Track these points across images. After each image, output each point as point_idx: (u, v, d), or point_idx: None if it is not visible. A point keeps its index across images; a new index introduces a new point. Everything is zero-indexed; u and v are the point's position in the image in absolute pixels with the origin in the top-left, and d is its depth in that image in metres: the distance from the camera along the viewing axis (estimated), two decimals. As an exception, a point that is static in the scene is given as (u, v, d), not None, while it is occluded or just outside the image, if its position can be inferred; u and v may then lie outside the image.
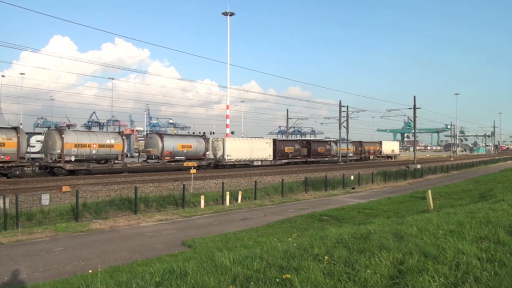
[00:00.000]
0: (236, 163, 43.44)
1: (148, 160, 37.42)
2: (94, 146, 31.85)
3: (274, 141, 49.66)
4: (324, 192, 28.36)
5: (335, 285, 4.54)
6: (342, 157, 59.53)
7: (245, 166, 44.33)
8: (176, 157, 37.90)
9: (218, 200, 22.17)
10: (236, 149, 43.02)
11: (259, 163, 46.16)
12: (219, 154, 42.17)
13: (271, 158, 47.30)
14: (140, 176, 31.13)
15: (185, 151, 38.53)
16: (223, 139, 43.31)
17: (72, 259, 11.39)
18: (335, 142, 61.43)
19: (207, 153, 42.04)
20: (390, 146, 77.60)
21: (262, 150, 46.35)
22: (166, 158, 36.87)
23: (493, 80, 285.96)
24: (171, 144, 37.55)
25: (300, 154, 52.16)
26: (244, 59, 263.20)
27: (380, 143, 74.94)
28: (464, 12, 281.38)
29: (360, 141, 70.15)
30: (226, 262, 5.45)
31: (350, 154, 62.51)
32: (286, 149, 50.03)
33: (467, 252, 5.49)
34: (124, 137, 34.86)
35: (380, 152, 72.66)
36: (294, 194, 26.59)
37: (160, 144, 36.82)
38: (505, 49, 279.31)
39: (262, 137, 56.77)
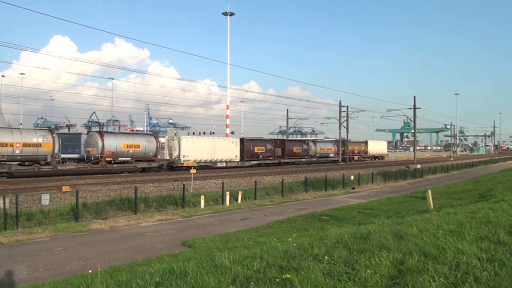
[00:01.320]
0: (194, 164, 38.11)
1: (93, 161, 32.80)
2: (18, 145, 27.81)
3: (242, 140, 45.33)
4: (324, 192, 28.36)
5: (335, 285, 4.53)
6: (320, 157, 56.16)
7: (206, 168, 39.85)
8: (120, 158, 33.62)
9: (218, 200, 22.17)
10: (195, 149, 38.90)
11: (223, 164, 41.77)
12: (175, 154, 38.24)
13: (237, 159, 42.96)
14: (140, 176, 31.13)
15: (131, 151, 34.11)
16: (179, 138, 39.49)
17: (72, 259, 11.39)
18: (314, 141, 57.72)
19: (163, 153, 39.00)
20: (377, 146, 72.96)
21: (227, 150, 42.14)
22: (107, 159, 32.64)
23: (493, 80, 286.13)
24: (113, 144, 33.18)
25: (272, 155, 47.94)
26: (244, 59, 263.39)
27: (366, 142, 70.16)
28: (464, 12, 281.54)
29: (343, 140, 66.11)
30: (226, 262, 5.45)
31: (331, 155, 58.73)
32: (256, 149, 45.76)
33: (467, 252, 5.48)
34: (55, 135, 30.34)
35: (366, 152, 68.24)
36: (294, 194, 26.59)
37: (100, 143, 32.57)
38: (505, 49, 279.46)
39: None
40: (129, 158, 34.25)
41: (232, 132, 57.03)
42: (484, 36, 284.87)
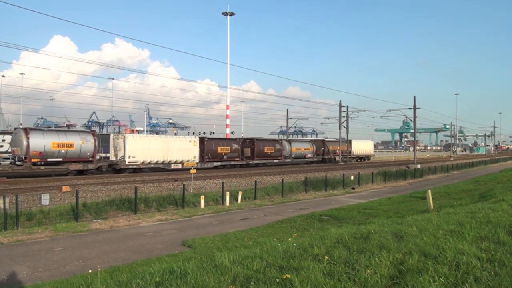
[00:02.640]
0: (142, 166, 34.66)
1: (17, 163, 28.63)
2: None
3: (202, 139, 41.08)
4: (324, 192, 28.36)
5: (335, 285, 4.53)
6: (296, 158, 51.99)
7: (158, 170, 35.70)
8: (49, 159, 29.37)
9: (218, 200, 22.17)
10: (143, 149, 34.55)
11: (179, 166, 37.53)
12: (120, 155, 33.75)
13: (196, 160, 39.02)
14: (140, 176, 31.14)
15: (63, 151, 29.76)
16: (124, 136, 34.86)
17: (72, 259, 11.39)
18: (288, 141, 53.17)
19: (108, 154, 34.85)
20: (362, 146, 68.06)
21: (184, 150, 37.93)
22: (33, 160, 28.45)
23: (493, 80, 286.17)
24: (40, 142, 28.83)
25: (239, 155, 43.72)
26: (244, 59, 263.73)
27: (350, 142, 64.86)
28: (464, 12, 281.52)
29: (323, 140, 63.14)
30: (226, 262, 5.45)
31: (309, 155, 54.23)
32: (220, 149, 41.62)
33: (467, 252, 5.48)
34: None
35: (350, 152, 63.23)
36: (294, 194, 26.58)
37: (25, 142, 28.23)
38: (505, 49, 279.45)
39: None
40: (61, 159, 29.85)
41: (232, 132, 57.17)
42: (484, 36, 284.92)
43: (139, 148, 34.36)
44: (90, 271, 8.69)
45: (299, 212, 19.54)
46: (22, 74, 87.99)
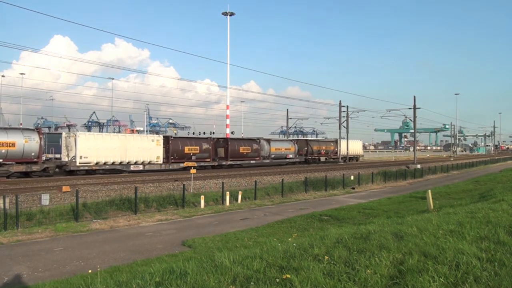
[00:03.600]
0: (96, 168, 31.68)
1: None
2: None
3: (167, 138, 38.06)
4: (324, 192, 28.36)
5: (335, 285, 4.53)
6: (275, 158, 48.64)
7: (115, 172, 32.60)
8: None
9: (218, 200, 22.17)
10: (96, 149, 31.51)
11: (139, 167, 34.53)
12: (72, 155, 31.07)
13: (160, 160, 35.92)
14: (140, 176, 31.15)
15: (3, 151, 27.14)
16: (75, 134, 32.03)
17: (72, 259, 11.39)
18: (267, 140, 49.38)
19: (60, 154, 32.56)
20: (350, 146, 63.55)
21: (145, 150, 34.72)
22: None
23: (493, 80, 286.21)
24: None
25: (210, 156, 40.39)
26: (243, 59, 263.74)
27: (336, 141, 61.96)
28: (463, 12, 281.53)
29: (306, 139, 58.91)
30: (226, 262, 5.45)
31: (290, 155, 50.99)
32: (187, 149, 38.30)
33: (467, 252, 5.49)
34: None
35: (336, 152, 60.18)
36: (294, 194, 26.58)
37: None
38: (505, 48, 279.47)
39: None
40: (0, 160, 27.35)
41: (232, 132, 57.14)
42: (484, 36, 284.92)
43: (92, 148, 31.30)
44: (90, 271, 8.68)
45: (299, 212, 19.54)
46: (22, 74, 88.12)
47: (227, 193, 22.14)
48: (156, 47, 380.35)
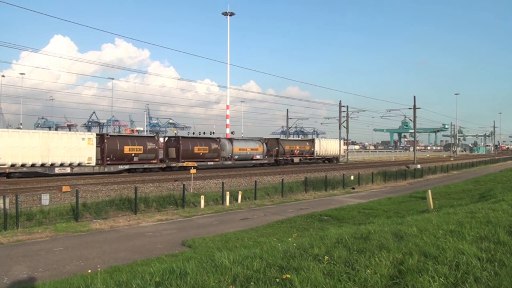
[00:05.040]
0: (11, 170, 27.22)
1: None
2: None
3: (102, 137, 33.05)
4: (324, 192, 28.35)
5: (335, 285, 4.53)
6: (239, 160, 44.10)
7: (36, 176, 28.70)
8: None
9: (218, 200, 22.17)
10: (11, 148, 26.95)
11: (67, 170, 29.84)
12: None
13: (92, 162, 31.15)
14: (140, 176, 31.14)
15: None
16: None
17: (72, 259, 11.39)
18: (230, 140, 44.72)
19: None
20: (328, 146, 58.90)
21: (74, 150, 29.93)
22: None
23: (493, 80, 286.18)
24: None
25: (157, 157, 36.08)
26: (243, 59, 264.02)
27: (312, 141, 57.53)
28: (463, 12, 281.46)
29: (277, 139, 53.34)
30: (226, 262, 5.45)
31: (258, 156, 46.38)
32: (127, 149, 33.49)
33: (467, 252, 5.48)
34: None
35: (313, 153, 55.23)
36: (294, 194, 26.58)
37: None
38: (505, 48, 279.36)
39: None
40: None
41: (232, 132, 57.06)
42: (484, 36, 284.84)
43: (6, 147, 26.79)
44: (90, 271, 8.69)
45: (299, 212, 19.54)
46: (22, 74, 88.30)
47: (227, 193, 22.14)
48: (156, 47, 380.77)
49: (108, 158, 32.16)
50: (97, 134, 33.59)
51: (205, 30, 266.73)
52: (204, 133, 50.59)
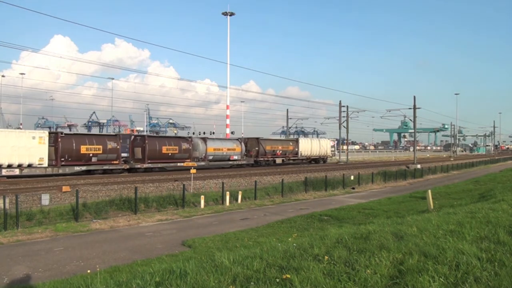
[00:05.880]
0: None
1: None
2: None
3: (56, 135, 29.97)
4: (324, 192, 28.35)
5: (335, 285, 4.53)
6: (214, 160, 41.36)
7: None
8: None
9: (218, 200, 22.17)
10: None
11: (15, 172, 27.07)
12: None
13: (45, 163, 28.40)
14: (140, 176, 31.13)
15: None
16: None
17: (72, 259, 11.39)
18: (203, 139, 41.67)
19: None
20: (313, 146, 55.16)
21: (22, 149, 27.16)
22: None
23: (493, 80, 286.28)
24: None
25: (118, 157, 32.89)
26: (243, 59, 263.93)
27: (297, 140, 54.22)
28: (463, 11, 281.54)
29: (258, 138, 48.50)
30: (226, 262, 5.45)
31: (235, 157, 43.60)
32: (85, 148, 30.65)
33: (467, 252, 5.48)
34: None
35: (297, 153, 52.09)
36: (294, 194, 26.58)
37: None
38: (505, 48, 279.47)
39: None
40: None
41: (232, 132, 57.11)
42: (484, 35, 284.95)
43: None
44: (89, 271, 8.68)
45: (299, 212, 19.54)
46: (22, 74, 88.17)
47: (227, 193, 22.14)
48: (156, 47, 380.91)
49: (62, 159, 29.47)
50: (50, 133, 30.83)
51: (205, 30, 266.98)
52: (204, 133, 50.07)
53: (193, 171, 24.18)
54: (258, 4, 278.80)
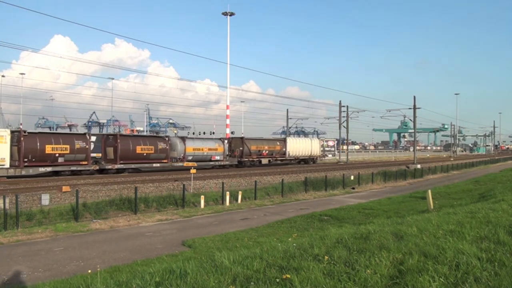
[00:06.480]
0: None
1: None
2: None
3: (18, 134, 28.29)
4: (324, 192, 28.35)
5: (335, 285, 4.53)
6: (194, 161, 37.52)
7: None
8: None
9: (218, 200, 22.17)
10: None
11: None
12: None
13: (7, 163, 27.04)
14: (140, 176, 31.12)
15: None
16: None
17: (72, 259, 11.39)
18: (182, 138, 40.03)
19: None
20: (302, 146, 53.40)
21: None
22: None
23: (493, 80, 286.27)
24: None
25: (88, 158, 31.12)
26: (243, 59, 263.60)
27: (284, 140, 52.26)
28: (463, 11, 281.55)
29: (242, 138, 47.13)
30: (226, 262, 5.45)
31: (217, 157, 41.71)
32: (50, 148, 28.98)
33: (467, 252, 5.48)
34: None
35: (284, 153, 50.38)
36: (294, 194, 26.58)
37: None
38: (505, 48, 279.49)
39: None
40: None
41: (232, 132, 57.03)
42: (484, 35, 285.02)
43: None
44: (90, 271, 8.68)
45: (299, 212, 19.54)
46: (22, 74, 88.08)
47: (227, 193, 22.14)
48: (156, 47, 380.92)
49: (26, 159, 27.65)
50: (12, 131, 28.97)
51: (205, 30, 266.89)
52: (204, 133, 49.74)
53: (193, 171, 24.19)
54: (258, 4, 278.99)
